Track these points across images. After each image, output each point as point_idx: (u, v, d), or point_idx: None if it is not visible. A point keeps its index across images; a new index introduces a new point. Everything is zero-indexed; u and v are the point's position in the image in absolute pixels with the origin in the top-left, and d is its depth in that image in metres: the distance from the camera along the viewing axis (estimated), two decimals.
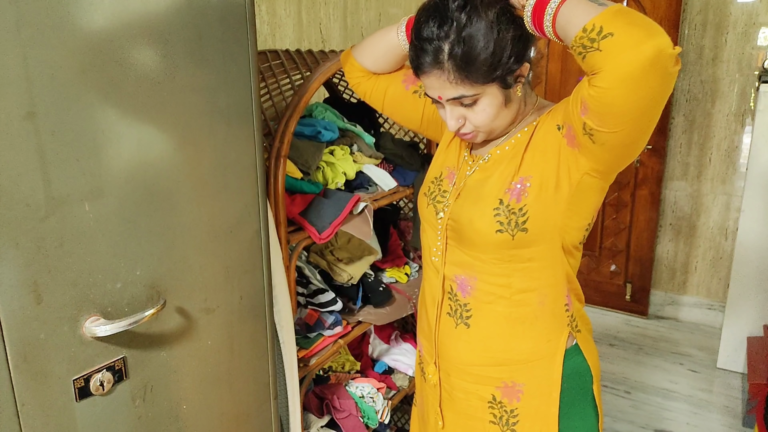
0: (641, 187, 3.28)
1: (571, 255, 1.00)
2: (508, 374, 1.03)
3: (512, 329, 1.02)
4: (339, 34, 2.23)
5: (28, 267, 0.73)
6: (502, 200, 0.96)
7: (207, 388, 1.03)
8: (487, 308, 1.02)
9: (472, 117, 0.96)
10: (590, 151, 0.89)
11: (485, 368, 1.04)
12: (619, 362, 2.91)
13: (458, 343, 1.06)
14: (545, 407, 1.02)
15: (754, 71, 2.93)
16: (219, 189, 0.98)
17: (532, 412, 1.03)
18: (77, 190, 0.77)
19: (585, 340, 1.06)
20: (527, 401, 1.02)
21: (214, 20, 0.92)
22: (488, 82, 0.91)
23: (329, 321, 1.50)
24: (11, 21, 0.68)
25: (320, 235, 1.37)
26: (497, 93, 0.93)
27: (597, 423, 1.07)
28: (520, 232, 0.95)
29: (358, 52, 1.17)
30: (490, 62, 0.89)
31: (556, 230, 0.96)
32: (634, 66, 0.75)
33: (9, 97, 0.69)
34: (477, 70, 0.89)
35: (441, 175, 1.11)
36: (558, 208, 0.94)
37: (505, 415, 1.04)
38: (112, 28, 0.78)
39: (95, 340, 0.82)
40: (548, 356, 1.02)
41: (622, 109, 0.80)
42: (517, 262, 0.99)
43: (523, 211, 0.94)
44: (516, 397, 1.03)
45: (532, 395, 1.02)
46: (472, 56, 0.88)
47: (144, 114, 0.84)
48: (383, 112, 1.24)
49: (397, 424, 2.18)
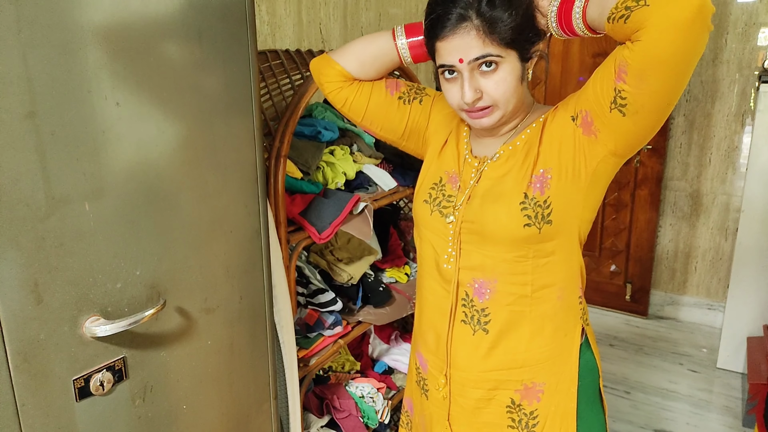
0: (641, 187, 3.28)
1: (581, 248, 1.02)
2: (529, 375, 1.01)
3: (532, 327, 1.00)
4: (339, 34, 2.23)
5: (28, 267, 0.73)
6: (527, 194, 0.95)
7: (207, 388, 1.03)
8: (507, 310, 1.00)
9: (491, 87, 0.93)
10: (616, 128, 0.89)
11: (505, 372, 1.02)
12: (619, 362, 2.91)
13: (476, 350, 1.03)
14: (564, 404, 1.02)
15: (754, 71, 2.93)
16: (219, 189, 0.98)
17: (552, 411, 1.02)
18: (77, 190, 0.77)
19: (591, 334, 1.07)
20: (547, 400, 1.01)
21: (215, 20, 0.92)
22: (511, 46, 0.90)
23: (329, 321, 1.50)
24: (12, 21, 0.68)
25: (320, 235, 1.37)
26: (516, 63, 0.92)
27: (605, 419, 1.07)
28: (546, 225, 0.94)
29: (342, 56, 1.10)
30: (517, 22, 0.89)
31: (575, 221, 0.97)
32: (684, 14, 0.79)
33: (9, 97, 0.69)
34: (505, 27, 0.88)
35: (441, 180, 1.08)
36: (577, 198, 0.95)
37: (524, 418, 1.02)
38: (112, 29, 0.78)
39: (95, 340, 0.82)
40: (566, 351, 1.02)
41: (668, 62, 0.81)
42: (539, 257, 0.98)
43: (548, 203, 0.94)
44: (536, 397, 1.02)
45: (552, 393, 1.02)
46: (501, 10, 0.88)
47: (144, 114, 0.84)
48: (361, 123, 1.16)
49: (397, 424, 2.18)
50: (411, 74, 1.68)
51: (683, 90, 0.87)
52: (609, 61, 0.87)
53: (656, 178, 3.23)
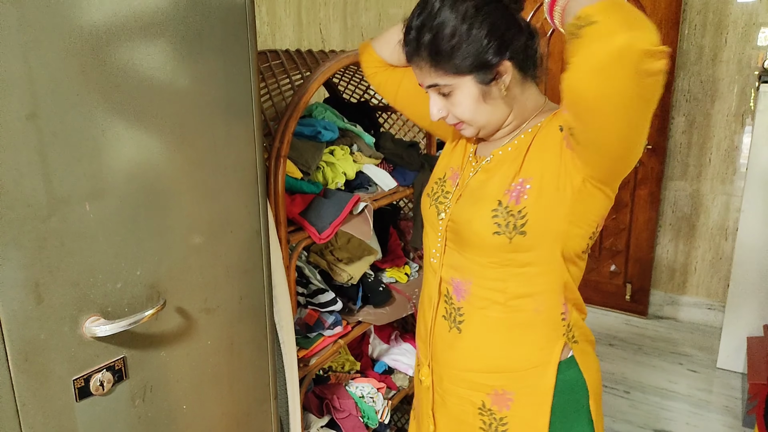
0: (641, 187, 3.28)
1: (572, 263, 0.98)
2: (499, 382, 1.01)
3: (505, 336, 1.00)
4: (339, 35, 2.23)
5: (29, 267, 0.73)
6: (501, 201, 0.95)
7: (207, 388, 1.03)
8: (481, 313, 1.00)
9: (452, 108, 0.97)
10: (580, 153, 0.88)
11: (476, 374, 1.03)
12: (619, 362, 2.91)
13: (451, 347, 1.05)
14: (535, 418, 1.00)
15: (754, 71, 2.93)
16: (219, 189, 0.99)
17: (522, 422, 1.01)
18: (78, 191, 0.77)
19: (583, 353, 1.02)
20: (516, 410, 1.01)
21: (215, 21, 0.92)
22: (460, 74, 0.92)
23: (329, 321, 1.50)
24: (13, 22, 0.68)
25: (320, 235, 1.37)
26: (472, 87, 0.94)
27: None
28: (518, 235, 0.93)
29: (377, 43, 1.20)
30: (459, 53, 0.90)
31: (556, 235, 0.94)
32: (601, 55, 0.73)
33: (11, 98, 0.69)
34: (446, 60, 0.91)
35: (444, 176, 1.10)
36: (559, 212, 0.92)
37: (494, 423, 1.02)
38: (113, 30, 0.78)
39: (95, 340, 0.82)
40: (541, 365, 0.99)
41: (591, 103, 0.79)
42: (513, 266, 0.97)
43: (522, 214, 0.93)
44: (506, 405, 1.01)
45: (522, 405, 1.00)
46: (439, 44, 0.91)
47: (145, 114, 0.84)
48: (395, 106, 1.25)
49: (397, 424, 2.18)
50: None
51: (637, 137, 0.82)
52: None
53: (656, 178, 3.23)
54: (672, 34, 2.99)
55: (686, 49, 3.07)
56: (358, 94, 1.92)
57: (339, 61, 1.40)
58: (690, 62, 3.08)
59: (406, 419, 2.16)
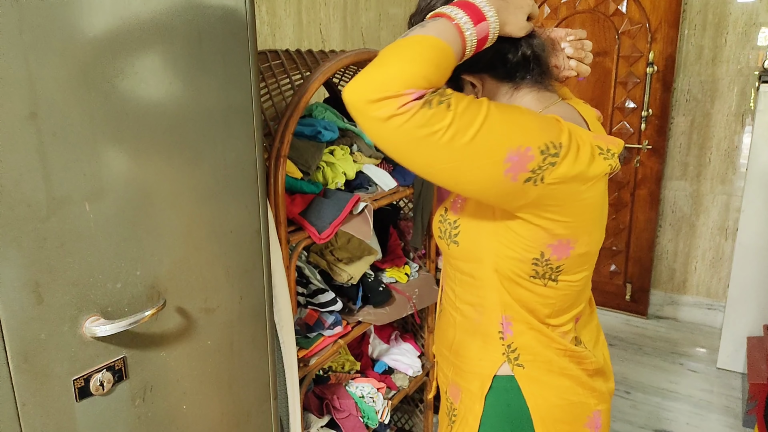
0: (641, 187, 3.28)
1: (516, 284, 0.93)
2: (453, 374, 1.07)
3: (458, 334, 1.04)
4: (339, 35, 2.23)
5: (29, 267, 0.73)
6: (447, 209, 0.99)
7: (207, 388, 1.03)
8: (446, 307, 1.08)
9: None
10: None
11: (443, 361, 1.11)
12: (619, 362, 2.91)
13: (438, 328, 1.15)
14: (470, 417, 1.01)
15: (754, 71, 2.93)
16: (219, 189, 0.99)
17: (463, 418, 1.03)
18: (78, 191, 0.77)
19: (529, 379, 0.96)
20: (461, 406, 1.05)
21: (215, 21, 0.92)
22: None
23: (329, 321, 1.50)
24: (13, 23, 0.68)
25: (320, 235, 1.37)
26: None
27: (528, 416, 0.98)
28: (452, 244, 0.97)
29: None
30: None
31: (487, 252, 0.93)
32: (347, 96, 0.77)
33: (11, 98, 0.69)
34: None
35: None
36: (488, 229, 0.91)
37: (450, 410, 1.09)
38: (113, 30, 0.78)
39: (95, 340, 0.82)
40: (477, 373, 0.99)
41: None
42: (460, 273, 1.00)
43: (456, 224, 0.96)
44: (456, 397, 1.06)
45: (464, 402, 1.03)
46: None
47: (144, 115, 0.84)
48: None
49: (397, 424, 2.18)
50: None
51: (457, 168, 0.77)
52: None
53: (656, 177, 3.23)
54: (672, 34, 2.99)
55: (686, 49, 3.08)
56: None
57: (339, 61, 1.40)
58: (690, 62, 3.08)
59: (406, 419, 2.16)
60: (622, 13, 3.08)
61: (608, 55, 3.18)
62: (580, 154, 0.82)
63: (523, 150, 0.78)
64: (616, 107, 3.23)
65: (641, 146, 3.20)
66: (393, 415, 2.15)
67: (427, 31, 0.76)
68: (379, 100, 0.72)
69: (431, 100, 0.73)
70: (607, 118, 3.27)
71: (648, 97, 3.11)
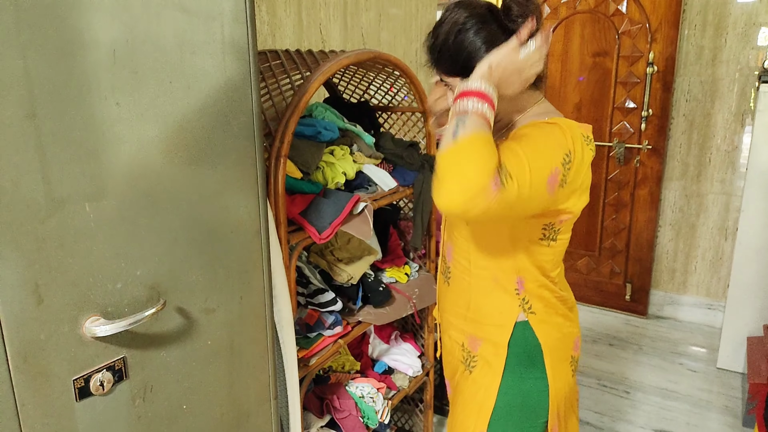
0: (641, 187, 3.28)
1: (527, 248, 1.15)
2: (472, 329, 1.25)
3: (473, 296, 1.23)
4: (339, 35, 2.23)
5: (28, 267, 0.73)
6: None
7: (207, 388, 1.03)
8: (458, 274, 1.25)
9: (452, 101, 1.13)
10: None
11: (459, 320, 1.28)
12: (619, 362, 2.91)
13: (444, 297, 1.32)
14: (495, 359, 1.22)
15: (754, 71, 2.93)
16: (219, 189, 0.99)
17: (485, 361, 1.23)
18: (78, 191, 0.77)
19: (540, 322, 1.20)
20: (482, 351, 1.24)
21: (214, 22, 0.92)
22: (453, 75, 1.09)
23: (329, 321, 1.50)
24: (11, 22, 0.68)
25: (320, 235, 1.37)
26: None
27: (546, 390, 1.21)
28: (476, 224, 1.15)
29: None
30: (450, 59, 1.07)
31: (507, 226, 1.13)
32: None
33: (10, 98, 0.69)
34: (442, 62, 1.10)
35: None
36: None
37: (468, 358, 1.26)
38: (111, 29, 0.78)
39: (95, 340, 0.82)
40: (499, 325, 1.20)
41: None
42: (477, 245, 1.19)
43: None
44: (476, 346, 1.25)
45: (486, 348, 1.23)
46: (437, 46, 1.09)
47: (144, 115, 0.84)
48: None
49: (397, 424, 2.18)
50: (411, 74, 1.68)
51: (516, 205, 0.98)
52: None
53: (656, 177, 3.23)
54: (672, 34, 2.99)
55: (686, 49, 3.08)
56: (358, 94, 1.92)
57: (339, 61, 1.40)
58: (690, 62, 3.08)
59: (406, 419, 2.16)
60: (622, 13, 3.08)
61: (608, 55, 3.18)
62: (579, 150, 1.04)
63: (554, 171, 1.00)
64: (616, 107, 3.23)
65: (641, 146, 3.20)
66: (393, 415, 2.15)
67: (469, 130, 0.95)
68: (472, 201, 0.92)
69: (503, 181, 0.93)
70: (607, 118, 3.27)
71: (648, 97, 3.11)
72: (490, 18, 1.06)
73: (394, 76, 1.77)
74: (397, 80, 1.79)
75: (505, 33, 1.06)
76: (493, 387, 1.21)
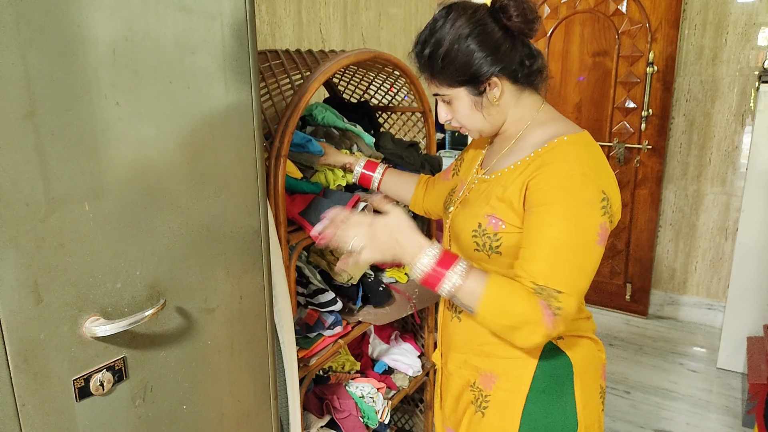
0: (641, 187, 3.28)
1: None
2: (487, 365, 1.14)
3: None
4: (339, 34, 2.23)
5: (28, 267, 0.73)
6: (481, 224, 1.07)
7: (207, 388, 1.03)
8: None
9: (454, 114, 1.12)
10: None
11: (470, 356, 1.17)
12: (619, 362, 2.91)
13: (453, 333, 1.21)
14: (513, 397, 1.11)
15: (754, 71, 2.93)
16: (219, 189, 0.98)
17: (500, 401, 1.13)
18: (77, 190, 0.77)
19: (569, 344, 1.12)
20: (498, 390, 1.13)
21: (214, 23, 0.92)
22: (454, 86, 1.06)
23: (329, 321, 1.50)
24: (11, 20, 0.68)
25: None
26: (465, 97, 1.07)
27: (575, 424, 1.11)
28: (495, 254, 1.06)
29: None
30: (451, 69, 1.03)
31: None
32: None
33: (8, 97, 0.69)
34: (440, 74, 1.05)
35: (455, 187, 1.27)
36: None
37: (480, 398, 1.16)
38: (111, 28, 0.78)
39: (95, 340, 0.82)
40: (522, 357, 1.10)
41: None
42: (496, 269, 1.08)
43: (498, 237, 1.05)
44: (490, 385, 1.14)
45: (503, 386, 1.13)
46: (435, 60, 1.04)
47: (144, 114, 0.84)
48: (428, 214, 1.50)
49: (397, 424, 2.18)
50: (411, 74, 1.68)
51: None
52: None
53: (656, 177, 3.23)
54: (672, 34, 2.99)
55: (686, 49, 3.08)
56: (358, 94, 1.92)
57: (339, 61, 1.40)
58: (690, 62, 3.08)
59: (406, 419, 2.16)
60: (622, 12, 3.08)
61: (608, 55, 3.18)
62: (606, 177, 1.01)
63: (600, 227, 0.97)
64: (616, 107, 3.23)
65: (641, 146, 3.20)
66: (393, 415, 2.15)
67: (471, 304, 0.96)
68: (546, 337, 0.94)
69: (553, 307, 0.93)
70: (607, 118, 3.27)
71: (648, 97, 3.11)
72: (490, 21, 1.03)
73: (394, 76, 1.77)
74: (397, 80, 1.79)
75: (506, 34, 1.03)
76: (513, 426, 1.10)
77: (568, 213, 0.95)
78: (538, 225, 0.97)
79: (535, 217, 0.98)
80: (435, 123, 1.80)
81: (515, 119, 1.11)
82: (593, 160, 1.00)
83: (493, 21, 1.03)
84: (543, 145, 1.04)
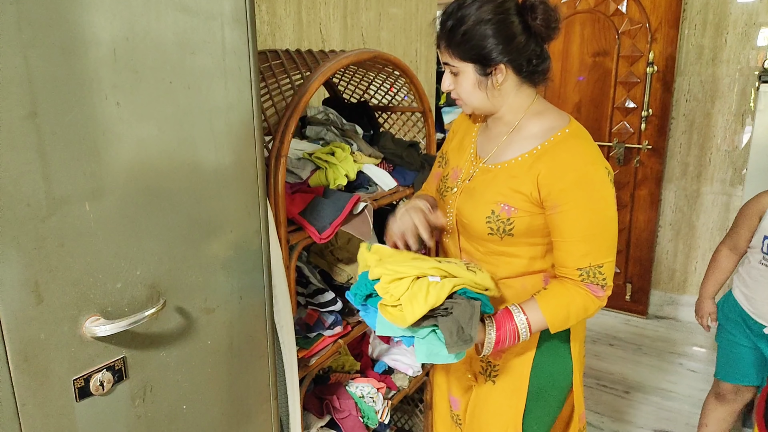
0: (641, 187, 3.28)
1: (549, 247, 1.21)
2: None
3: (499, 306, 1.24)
4: (339, 34, 2.23)
5: (28, 267, 0.73)
6: (494, 211, 1.18)
7: (207, 388, 1.03)
8: None
9: (456, 87, 1.20)
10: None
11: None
12: (618, 362, 2.91)
13: None
14: (520, 367, 1.28)
15: (754, 71, 2.93)
16: (219, 189, 0.99)
17: (509, 369, 1.30)
18: (78, 190, 0.77)
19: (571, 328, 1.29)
20: (506, 360, 1.30)
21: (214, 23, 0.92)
22: (464, 60, 1.14)
23: (329, 321, 1.50)
24: (12, 20, 0.68)
25: (320, 235, 1.37)
26: (471, 73, 1.16)
27: (571, 367, 1.30)
28: (507, 236, 1.19)
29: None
30: (467, 44, 1.12)
31: (538, 231, 1.19)
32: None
33: (10, 97, 0.69)
34: (456, 46, 1.13)
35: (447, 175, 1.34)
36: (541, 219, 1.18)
37: (489, 368, 1.32)
38: (112, 28, 0.78)
39: (95, 340, 0.82)
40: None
41: None
42: (505, 256, 1.23)
43: (510, 221, 1.18)
44: (499, 356, 1.30)
45: (510, 357, 1.29)
46: (455, 33, 1.12)
47: (144, 115, 0.84)
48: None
49: (397, 424, 2.18)
50: (411, 73, 1.68)
51: None
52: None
53: (656, 178, 3.23)
54: (672, 34, 2.99)
55: (686, 49, 3.08)
56: (358, 94, 1.92)
57: (339, 60, 1.40)
58: (690, 62, 3.08)
59: (406, 419, 2.16)
60: (622, 13, 3.08)
61: (608, 55, 3.18)
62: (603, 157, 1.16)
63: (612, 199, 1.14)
64: (616, 107, 3.23)
65: (641, 146, 3.20)
66: (393, 415, 2.15)
67: (540, 311, 1.16)
68: (596, 311, 1.21)
69: (600, 282, 1.16)
70: (607, 118, 3.27)
71: (648, 97, 3.11)
72: (515, 14, 1.11)
73: (394, 75, 1.77)
74: (397, 80, 1.79)
75: (525, 31, 1.11)
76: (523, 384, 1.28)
77: (590, 205, 1.11)
78: (567, 223, 1.12)
79: (560, 216, 1.12)
80: (435, 123, 1.80)
81: (512, 107, 1.20)
82: (592, 147, 1.15)
83: (516, 15, 1.11)
84: (546, 137, 1.17)
